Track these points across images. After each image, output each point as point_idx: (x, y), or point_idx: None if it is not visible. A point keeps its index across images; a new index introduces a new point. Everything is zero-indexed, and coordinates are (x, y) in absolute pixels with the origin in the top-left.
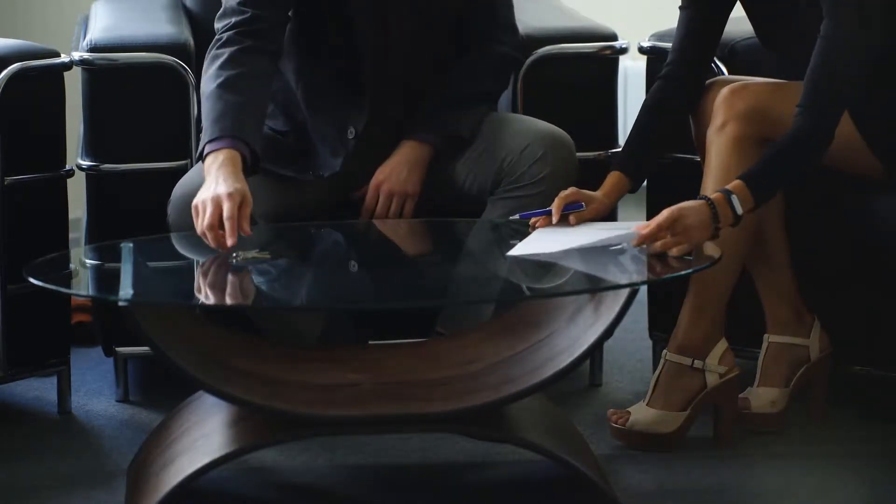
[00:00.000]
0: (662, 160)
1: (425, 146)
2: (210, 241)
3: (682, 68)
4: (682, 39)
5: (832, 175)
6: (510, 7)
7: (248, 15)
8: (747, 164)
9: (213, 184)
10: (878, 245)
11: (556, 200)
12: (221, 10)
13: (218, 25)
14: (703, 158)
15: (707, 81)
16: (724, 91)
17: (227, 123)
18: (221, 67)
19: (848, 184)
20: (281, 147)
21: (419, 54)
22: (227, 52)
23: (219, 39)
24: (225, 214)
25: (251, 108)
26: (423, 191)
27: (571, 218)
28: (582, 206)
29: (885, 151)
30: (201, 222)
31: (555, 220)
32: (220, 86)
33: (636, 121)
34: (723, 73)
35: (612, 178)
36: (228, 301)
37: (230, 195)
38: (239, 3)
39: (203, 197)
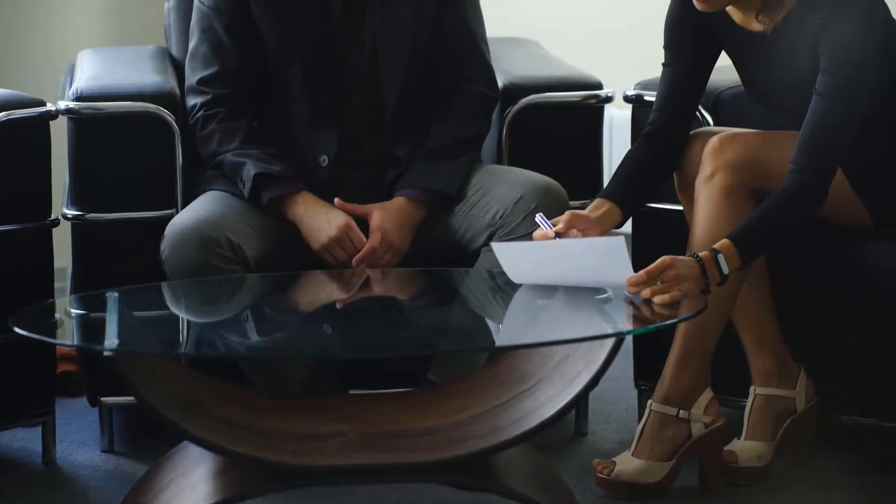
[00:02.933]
0: (645, 209)
1: (422, 208)
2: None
3: (664, 126)
4: (665, 97)
5: (818, 222)
6: (484, 41)
7: (210, 96)
8: (736, 214)
9: (324, 225)
10: (865, 292)
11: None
12: (186, 85)
13: (188, 103)
14: (686, 207)
15: (692, 132)
16: (714, 140)
17: (274, 168)
18: (221, 143)
19: (833, 231)
20: None
21: (384, 85)
22: (212, 128)
23: (196, 122)
24: (356, 241)
25: (277, 155)
26: (417, 240)
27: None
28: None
29: (876, 203)
30: (344, 259)
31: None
32: (235, 155)
33: (619, 169)
34: (708, 123)
35: (600, 204)
36: (214, 351)
37: (347, 225)
38: (198, 83)
39: (326, 241)
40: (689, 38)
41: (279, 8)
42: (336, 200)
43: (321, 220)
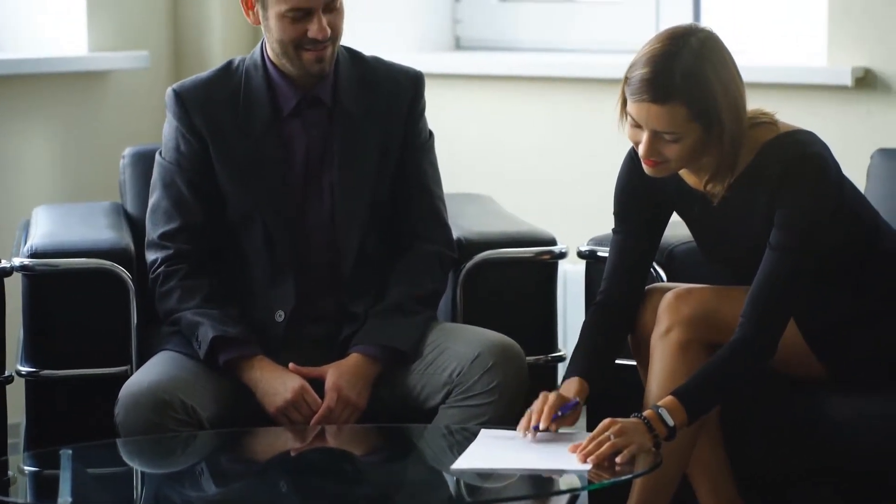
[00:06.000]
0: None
1: (376, 364)
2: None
3: (616, 294)
4: (616, 264)
5: (772, 375)
6: (442, 202)
7: (172, 251)
8: (692, 369)
9: (279, 389)
10: (821, 446)
11: (547, 409)
12: (146, 239)
13: (148, 257)
14: (640, 363)
15: (646, 287)
16: (669, 296)
17: (231, 331)
18: (181, 301)
19: (788, 383)
20: None
21: (342, 241)
22: (172, 285)
23: (156, 278)
24: (311, 403)
25: (235, 316)
26: (374, 398)
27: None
28: (576, 400)
29: (830, 356)
30: (300, 422)
31: (545, 426)
32: (193, 314)
33: (578, 345)
34: (661, 279)
35: (579, 388)
36: None
37: (302, 388)
38: (160, 238)
39: (282, 404)
40: (640, 205)
41: (241, 165)
42: (290, 365)
43: (276, 383)
